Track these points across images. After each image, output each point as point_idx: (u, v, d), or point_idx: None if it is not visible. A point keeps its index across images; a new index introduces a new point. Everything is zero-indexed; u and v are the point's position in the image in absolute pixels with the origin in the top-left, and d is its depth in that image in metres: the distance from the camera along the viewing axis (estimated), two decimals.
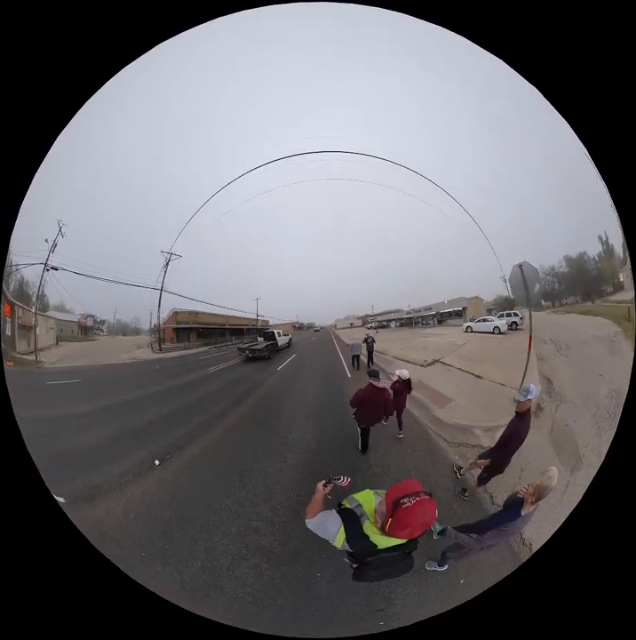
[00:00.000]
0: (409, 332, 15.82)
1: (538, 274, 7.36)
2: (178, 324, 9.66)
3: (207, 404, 7.39)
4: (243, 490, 4.08)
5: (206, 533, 3.42)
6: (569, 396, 6.45)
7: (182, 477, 4.35)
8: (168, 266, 8.41)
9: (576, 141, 2.93)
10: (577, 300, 10.93)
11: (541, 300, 12.38)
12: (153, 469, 4.50)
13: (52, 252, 6.62)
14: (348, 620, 2.71)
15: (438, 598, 2.96)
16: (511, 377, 7.15)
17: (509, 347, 9.99)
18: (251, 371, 10.37)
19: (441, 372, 9.42)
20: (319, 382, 10.04)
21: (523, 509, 2.62)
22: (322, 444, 5.31)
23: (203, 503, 3.83)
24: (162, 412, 6.42)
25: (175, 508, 3.76)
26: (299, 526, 2.75)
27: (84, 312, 8.90)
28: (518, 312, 11.44)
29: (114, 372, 7.63)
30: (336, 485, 2.37)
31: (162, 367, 8.38)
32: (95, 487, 3.91)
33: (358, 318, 16.85)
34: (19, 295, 6.58)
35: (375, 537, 1.87)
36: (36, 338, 6.66)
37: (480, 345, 10.92)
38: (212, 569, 3.07)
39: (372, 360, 10.71)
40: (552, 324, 10.98)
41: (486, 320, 11.92)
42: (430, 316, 16.23)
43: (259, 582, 2.98)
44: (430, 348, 11.55)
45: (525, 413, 3.73)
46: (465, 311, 13.80)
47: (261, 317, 13.32)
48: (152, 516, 3.60)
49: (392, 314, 18.79)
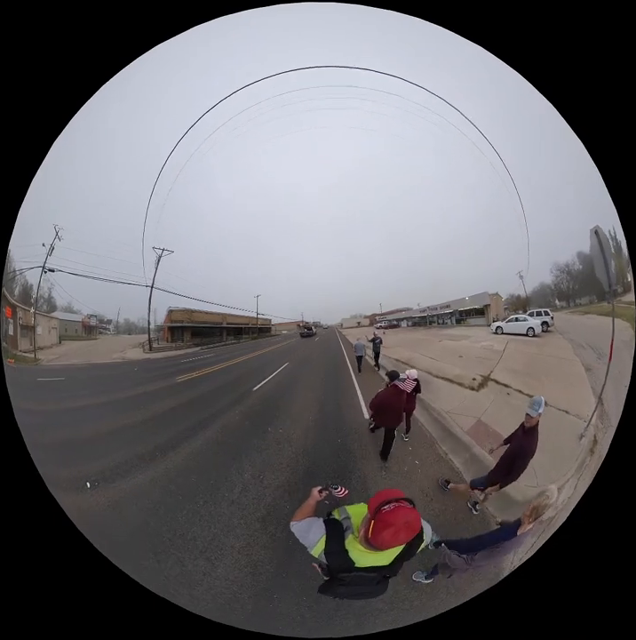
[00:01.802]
0: (428, 332, 14.75)
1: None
2: (172, 323, 9.71)
3: (158, 424, 5.89)
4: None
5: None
6: (613, 419, 5.00)
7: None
8: (159, 262, 8.54)
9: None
10: (593, 299, 10.14)
11: (555, 299, 11.62)
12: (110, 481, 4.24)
13: (50, 255, 7.21)
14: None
15: (412, 609, 2.94)
16: (576, 399, 5.56)
17: (553, 353, 8.36)
18: (216, 389, 8.34)
19: (500, 398, 6.42)
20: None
21: (520, 529, 2.58)
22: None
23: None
24: (120, 423, 5.74)
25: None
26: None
27: (88, 312, 9.62)
28: (548, 310, 10.35)
29: (95, 373, 7.92)
30: (331, 494, 2.34)
31: (139, 369, 8.51)
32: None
33: (365, 317, 16.56)
34: (21, 298, 7.22)
35: (355, 553, 1.86)
36: (35, 337, 7.27)
37: (522, 351, 9.07)
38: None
39: (378, 362, 10.41)
40: (578, 326, 10.01)
41: (518, 319, 10.57)
42: (447, 314, 15.46)
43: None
44: (467, 357, 9.38)
45: (533, 428, 3.54)
46: (488, 309, 12.71)
47: (262, 316, 13.07)
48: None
49: (404, 312, 18.22)
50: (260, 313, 12.76)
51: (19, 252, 6.90)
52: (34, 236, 7.00)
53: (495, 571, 3.21)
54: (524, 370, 7.84)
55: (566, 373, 7.03)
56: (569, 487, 4.07)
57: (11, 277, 7.03)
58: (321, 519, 2.08)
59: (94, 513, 3.79)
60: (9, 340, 6.84)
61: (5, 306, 6.68)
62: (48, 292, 8.11)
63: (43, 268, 7.18)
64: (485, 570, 3.05)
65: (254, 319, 12.81)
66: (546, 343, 9.38)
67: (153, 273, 8.57)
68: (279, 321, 15.23)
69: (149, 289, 8.40)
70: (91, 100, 3.21)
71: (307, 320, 15.61)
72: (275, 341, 14.32)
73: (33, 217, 4.68)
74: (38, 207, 5.07)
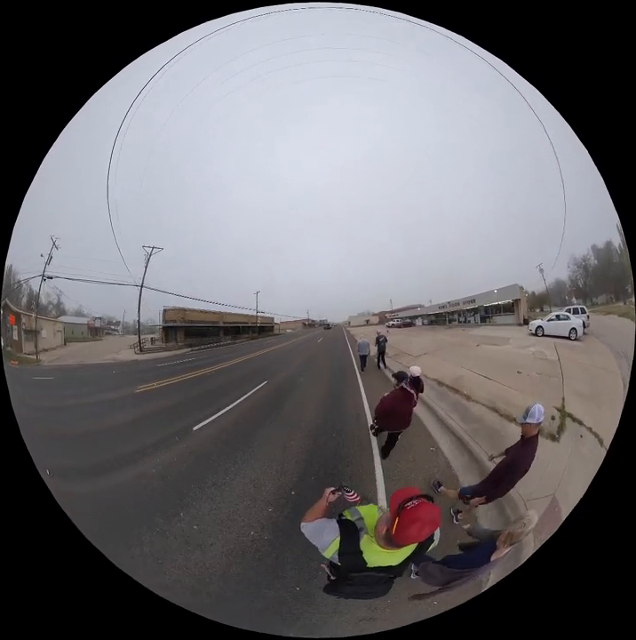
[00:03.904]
0: (453, 333, 12.87)
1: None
2: (166, 323, 9.82)
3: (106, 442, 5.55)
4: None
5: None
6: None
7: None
8: (149, 261, 8.83)
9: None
10: (611, 297, 9.03)
11: (572, 297, 10.52)
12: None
13: (49, 264, 8.01)
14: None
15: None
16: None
17: (600, 364, 6.76)
18: (174, 406, 7.36)
19: (575, 447, 4.61)
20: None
21: (494, 554, 2.48)
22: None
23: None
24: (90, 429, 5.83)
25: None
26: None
27: (93, 315, 10.51)
28: (584, 308, 8.96)
29: (80, 374, 8.52)
30: (343, 497, 2.40)
31: (119, 372, 8.88)
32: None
33: (374, 315, 15.69)
34: (25, 306, 8.13)
35: (369, 553, 1.91)
36: (38, 340, 8.17)
37: (576, 361, 7.12)
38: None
39: (384, 361, 10.29)
40: (608, 328, 8.42)
41: (559, 318, 8.88)
42: (470, 311, 13.63)
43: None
44: (526, 372, 7.05)
45: (531, 439, 3.34)
46: (518, 304, 11.14)
47: (262, 314, 12.31)
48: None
49: (418, 308, 17.33)
50: (262, 311, 12.39)
51: (20, 265, 7.76)
52: (32, 248, 7.81)
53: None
54: (589, 392, 5.94)
55: (614, 392, 5.04)
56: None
57: (17, 288, 7.95)
58: (334, 520, 2.12)
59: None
60: (14, 344, 7.79)
61: (9, 314, 7.60)
62: (57, 298, 9.04)
63: (42, 277, 8.01)
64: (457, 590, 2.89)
65: (254, 317, 12.48)
66: (589, 349, 7.94)
67: (142, 272, 8.91)
68: (283, 319, 14.66)
69: (139, 288, 8.75)
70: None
71: (313, 318, 15.12)
72: (272, 343, 13.78)
73: (29, 228, 5.12)
74: (34, 218, 5.57)
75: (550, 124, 7.87)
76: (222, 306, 11.29)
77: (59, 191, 7.74)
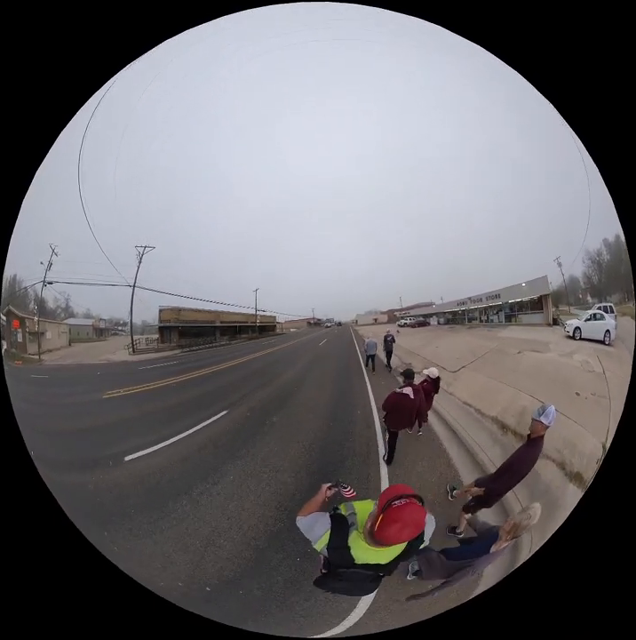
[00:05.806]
0: (480, 335, 11.48)
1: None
2: (161, 323, 9.84)
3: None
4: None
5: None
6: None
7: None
8: (141, 260, 9.01)
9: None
10: (625, 297, 8.01)
11: (586, 295, 9.46)
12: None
13: (49, 270, 8.72)
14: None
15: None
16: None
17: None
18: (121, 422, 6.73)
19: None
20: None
21: (494, 545, 2.43)
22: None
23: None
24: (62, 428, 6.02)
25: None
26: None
27: (98, 316, 11.28)
28: (612, 306, 7.90)
29: (70, 374, 9.01)
30: (340, 492, 2.46)
31: (103, 374, 9.11)
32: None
33: (382, 313, 15.30)
34: (30, 311, 8.97)
35: (357, 550, 1.92)
36: (41, 341, 8.97)
37: (617, 375, 6.06)
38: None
39: (389, 363, 10.18)
40: (626, 332, 7.35)
41: (596, 317, 7.84)
42: (493, 308, 12.39)
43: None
44: (583, 393, 5.92)
45: (537, 439, 3.38)
46: (547, 301, 9.97)
47: (263, 313, 11.96)
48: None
49: (433, 305, 16.55)
50: (263, 309, 12.06)
51: (22, 272, 8.56)
52: (32, 257, 8.55)
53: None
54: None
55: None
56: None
57: (21, 294, 8.80)
58: (328, 514, 2.17)
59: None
60: (18, 345, 8.65)
61: (13, 319, 8.44)
62: (65, 302, 9.85)
63: (43, 283, 8.77)
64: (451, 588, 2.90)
65: (253, 316, 12.18)
66: (621, 356, 6.80)
67: (135, 272, 9.11)
68: (287, 318, 14.43)
69: (131, 288, 9.03)
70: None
71: (319, 317, 14.81)
72: (270, 344, 13.29)
73: (27, 237, 5.50)
74: (31, 226, 6.00)
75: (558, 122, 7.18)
76: (223, 305, 11.06)
77: (56, 198, 8.35)
